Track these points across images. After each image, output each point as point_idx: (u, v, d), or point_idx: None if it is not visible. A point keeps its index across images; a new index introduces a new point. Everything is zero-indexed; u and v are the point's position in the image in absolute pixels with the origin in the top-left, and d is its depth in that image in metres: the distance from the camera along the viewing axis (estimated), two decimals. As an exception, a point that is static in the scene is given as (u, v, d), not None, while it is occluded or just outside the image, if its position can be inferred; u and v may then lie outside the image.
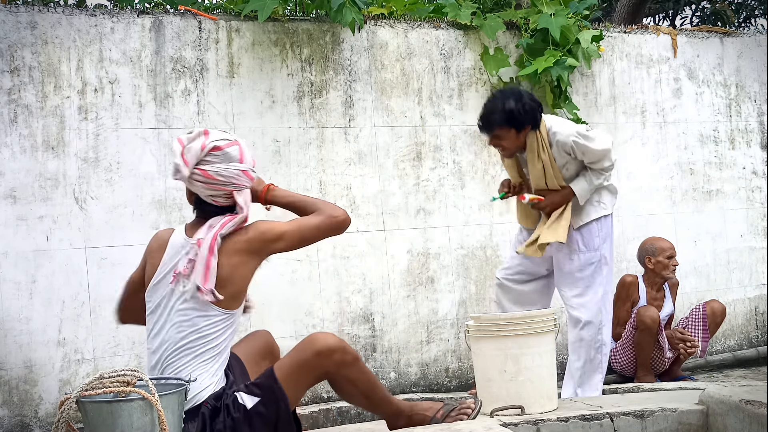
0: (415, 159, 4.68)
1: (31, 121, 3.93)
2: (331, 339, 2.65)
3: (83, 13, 4.07)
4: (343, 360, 2.65)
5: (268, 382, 2.62)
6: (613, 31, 5.27)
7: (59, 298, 3.91)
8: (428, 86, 4.75)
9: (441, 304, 4.65)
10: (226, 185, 2.62)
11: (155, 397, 2.28)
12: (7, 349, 3.80)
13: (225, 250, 2.59)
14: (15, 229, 3.87)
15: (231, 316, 2.67)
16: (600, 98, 5.15)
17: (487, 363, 3.27)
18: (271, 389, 2.61)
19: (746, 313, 5.44)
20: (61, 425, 2.34)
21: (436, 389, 4.57)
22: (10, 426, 3.77)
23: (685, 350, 4.60)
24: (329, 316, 4.41)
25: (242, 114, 4.32)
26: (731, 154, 5.51)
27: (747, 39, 5.64)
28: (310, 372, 2.65)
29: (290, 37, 4.46)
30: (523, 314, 3.34)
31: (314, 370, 2.65)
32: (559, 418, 3.01)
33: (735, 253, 5.44)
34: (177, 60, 4.21)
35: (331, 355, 2.63)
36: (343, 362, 2.65)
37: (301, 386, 2.68)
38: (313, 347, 2.63)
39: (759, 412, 2.75)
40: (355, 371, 2.69)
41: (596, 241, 3.94)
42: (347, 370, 2.67)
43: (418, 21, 4.80)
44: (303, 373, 2.65)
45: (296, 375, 2.64)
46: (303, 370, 2.64)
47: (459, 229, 4.73)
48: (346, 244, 4.47)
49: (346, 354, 2.65)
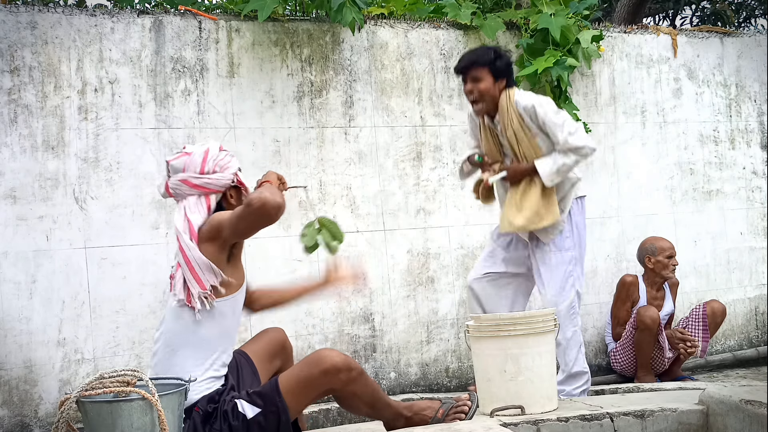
0: (415, 159, 4.68)
1: (31, 121, 3.93)
2: (338, 358, 2.66)
3: (83, 13, 4.07)
4: (349, 378, 2.67)
5: (271, 394, 2.64)
6: (613, 31, 5.27)
7: (59, 298, 3.91)
8: (428, 86, 4.75)
9: (441, 304, 4.65)
10: (176, 195, 2.81)
11: (155, 397, 2.28)
12: (7, 349, 3.80)
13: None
14: (15, 229, 3.87)
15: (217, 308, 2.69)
16: (600, 98, 5.14)
17: (487, 363, 3.26)
18: (273, 401, 2.62)
19: (746, 313, 5.44)
20: (61, 425, 2.34)
21: (436, 389, 4.57)
22: (10, 426, 3.77)
23: (685, 350, 4.60)
24: (329, 316, 4.41)
25: (242, 114, 4.32)
26: (731, 154, 5.51)
27: (747, 39, 5.64)
28: (315, 389, 2.68)
29: (290, 37, 4.46)
30: (523, 314, 3.34)
31: (319, 387, 2.68)
32: (559, 418, 3.01)
33: (735, 253, 5.44)
34: (177, 60, 4.21)
35: (338, 374, 2.65)
36: (348, 380, 2.67)
37: (305, 401, 2.70)
38: (319, 366, 2.65)
39: (759, 412, 2.75)
40: (360, 385, 2.71)
41: (567, 242, 3.87)
42: (352, 386, 2.70)
43: (418, 21, 4.80)
44: (308, 389, 2.67)
45: (301, 390, 2.65)
46: (308, 386, 2.66)
47: (459, 229, 4.73)
48: (346, 244, 4.46)
49: (351, 372, 2.67)
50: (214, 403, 2.65)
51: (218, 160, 2.80)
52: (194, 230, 2.69)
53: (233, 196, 2.83)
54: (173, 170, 2.82)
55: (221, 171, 2.79)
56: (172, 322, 2.71)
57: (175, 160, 2.82)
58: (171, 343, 2.69)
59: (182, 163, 2.79)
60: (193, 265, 2.66)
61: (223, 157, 2.82)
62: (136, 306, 4.03)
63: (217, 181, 2.78)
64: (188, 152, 2.81)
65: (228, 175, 2.80)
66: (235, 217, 2.61)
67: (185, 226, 2.71)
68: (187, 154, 2.81)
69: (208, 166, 2.77)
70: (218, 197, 2.81)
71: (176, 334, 2.68)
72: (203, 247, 2.67)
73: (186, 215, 2.72)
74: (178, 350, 2.67)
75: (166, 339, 2.70)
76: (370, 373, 4.44)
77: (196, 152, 2.80)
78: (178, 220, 2.74)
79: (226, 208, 2.80)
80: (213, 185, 2.78)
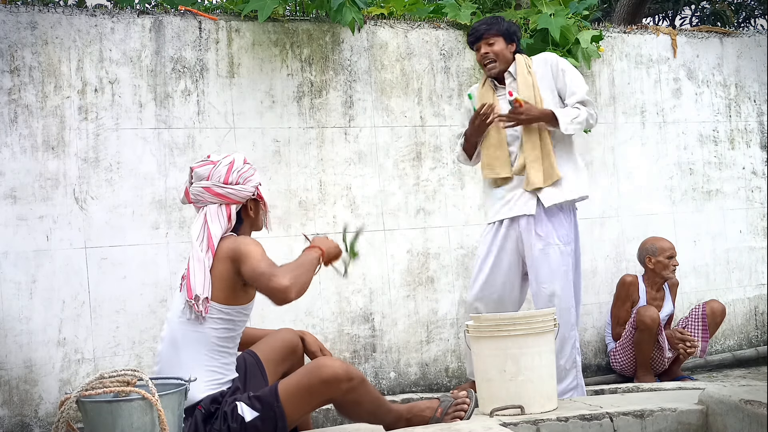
0: (415, 159, 4.68)
1: (32, 121, 3.93)
2: (339, 367, 2.66)
3: (83, 13, 4.07)
4: (350, 387, 2.67)
5: (270, 400, 2.64)
6: (613, 31, 5.27)
7: (59, 298, 3.92)
8: (428, 86, 4.75)
9: (441, 303, 4.65)
10: (196, 202, 2.87)
11: (155, 397, 2.29)
12: (7, 348, 3.80)
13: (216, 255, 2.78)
14: (15, 229, 3.87)
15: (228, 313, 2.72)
16: (600, 98, 5.15)
17: (486, 363, 3.27)
18: (271, 407, 2.63)
19: (746, 313, 5.45)
20: (61, 425, 2.35)
21: (435, 389, 4.57)
22: (10, 426, 3.78)
23: (685, 350, 4.60)
24: (329, 316, 4.42)
25: (242, 114, 4.33)
26: (731, 154, 5.51)
27: (747, 39, 5.64)
28: (315, 397, 2.68)
29: (290, 38, 4.46)
30: (523, 314, 3.34)
31: (319, 396, 2.68)
32: (559, 418, 3.02)
33: (735, 253, 5.45)
34: (177, 60, 4.22)
35: (338, 384, 2.65)
36: (349, 389, 2.68)
37: (304, 409, 2.71)
38: (320, 375, 2.65)
39: (759, 412, 2.75)
40: (361, 394, 2.72)
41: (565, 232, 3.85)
42: (353, 395, 2.70)
43: (417, 21, 4.80)
44: (307, 397, 2.67)
45: (300, 398, 2.66)
46: (308, 394, 2.66)
47: (459, 229, 4.74)
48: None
49: (352, 381, 2.67)
50: (216, 404, 2.66)
51: (242, 172, 2.87)
52: (213, 242, 2.76)
53: (252, 208, 2.92)
54: (197, 177, 2.88)
55: (243, 183, 2.87)
56: (178, 322, 2.72)
57: (200, 167, 2.88)
58: (176, 343, 2.70)
59: (207, 171, 2.86)
60: (200, 272, 2.70)
61: (247, 169, 2.90)
62: (136, 306, 4.04)
63: (239, 192, 2.85)
64: (213, 161, 2.88)
65: (249, 187, 2.87)
66: (254, 271, 2.66)
67: (203, 235, 2.77)
68: (213, 163, 2.87)
69: (232, 177, 2.85)
70: (238, 207, 2.87)
71: (183, 334, 2.70)
72: (218, 263, 2.73)
73: (207, 223, 2.79)
74: (183, 350, 2.69)
75: (172, 338, 2.72)
76: (369, 373, 4.45)
77: (222, 162, 2.87)
78: (196, 226, 2.81)
79: (245, 219, 2.90)
80: (234, 196, 2.84)
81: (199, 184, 2.86)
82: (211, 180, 2.84)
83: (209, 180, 2.84)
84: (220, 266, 2.73)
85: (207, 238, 2.76)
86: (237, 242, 2.75)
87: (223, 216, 2.82)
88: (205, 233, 2.77)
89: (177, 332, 2.72)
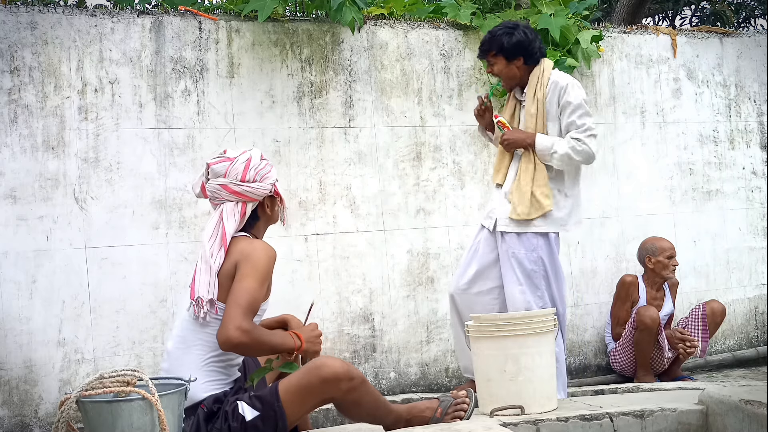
0: (415, 159, 4.68)
1: (32, 121, 3.93)
2: (339, 366, 2.65)
3: (83, 13, 4.07)
4: (350, 387, 2.66)
5: (270, 399, 2.64)
6: (613, 31, 5.27)
7: (59, 298, 3.92)
8: (428, 86, 4.75)
9: (441, 304, 4.65)
10: (213, 198, 2.84)
11: (155, 397, 2.29)
12: (7, 349, 3.80)
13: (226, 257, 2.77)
14: (15, 229, 3.87)
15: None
16: (600, 98, 5.15)
17: (486, 363, 3.27)
18: (271, 407, 2.63)
19: (746, 313, 5.45)
20: (61, 425, 2.35)
21: (435, 389, 4.57)
22: (10, 426, 3.78)
23: (685, 350, 4.60)
24: (329, 316, 4.42)
25: (242, 114, 4.33)
26: (731, 154, 5.51)
27: (746, 39, 5.64)
28: (315, 397, 2.67)
29: (290, 38, 4.46)
30: (522, 314, 3.34)
31: (319, 395, 2.67)
32: (559, 418, 3.02)
33: (734, 253, 5.45)
34: (177, 60, 4.22)
35: (338, 383, 2.65)
36: (349, 389, 2.67)
37: (304, 408, 2.70)
38: (319, 374, 2.64)
39: (759, 412, 2.75)
40: (361, 394, 2.71)
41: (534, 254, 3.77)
42: (353, 395, 2.69)
43: (417, 21, 4.80)
44: (307, 397, 2.66)
45: (300, 397, 2.65)
46: (308, 394, 2.65)
47: (459, 229, 4.74)
48: (346, 244, 4.48)
49: (352, 380, 2.66)
50: (219, 403, 2.66)
51: (259, 169, 2.84)
52: (226, 240, 2.74)
53: (269, 206, 2.89)
54: (213, 174, 2.84)
55: (261, 180, 2.83)
56: (188, 321, 2.72)
57: (216, 164, 2.84)
58: (185, 341, 2.71)
59: (223, 168, 2.82)
60: (206, 273, 2.69)
61: (264, 166, 2.86)
62: (136, 306, 4.04)
63: (256, 190, 2.82)
64: (230, 158, 2.84)
65: (266, 185, 2.84)
66: (235, 294, 2.63)
67: (217, 233, 2.75)
68: (229, 159, 2.84)
69: (249, 174, 2.81)
70: (254, 205, 2.85)
71: (191, 333, 2.70)
72: (228, 262, 2.72)
73: (222, 221, 2.77)
74: (191, 348, 2.69)
75: (182, 336, 2.72)
76: (369, 373, 4.45)
77: (239, 159, 2.83)
78: (211, 224, 2.78)
79: (261, 217, 2.88)
80: (252, 194, 2.81)
81: (215, 181, 2.82)
82: (228, 177, 2.80)
83: (226, 177, 2.81)
84: (229, 266, 2.71)
85: (221, 236, 2.73)
86: (251, 250, 2.71)
87: (238, 213, 2.79)
88: (219, 231, 2.74)
89: (186, 330, 2.73)
